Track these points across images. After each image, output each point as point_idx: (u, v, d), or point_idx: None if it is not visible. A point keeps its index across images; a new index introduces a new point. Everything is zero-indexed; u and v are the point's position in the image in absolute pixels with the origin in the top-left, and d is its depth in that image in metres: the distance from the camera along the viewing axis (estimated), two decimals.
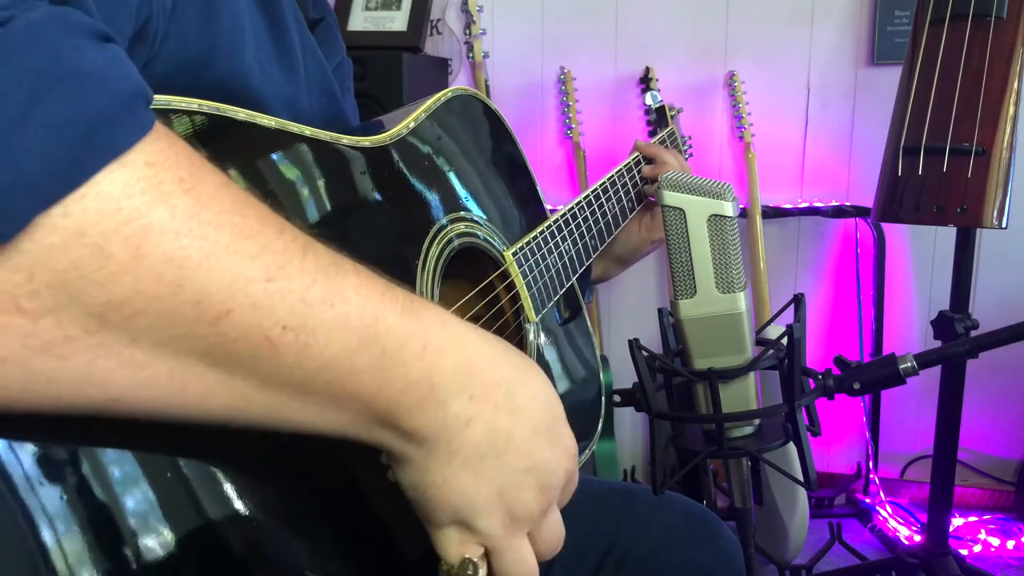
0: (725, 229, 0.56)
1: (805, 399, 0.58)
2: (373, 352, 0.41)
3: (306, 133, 0.55)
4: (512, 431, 0.47)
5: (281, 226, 0.39)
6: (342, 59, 0.81)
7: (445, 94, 0.75)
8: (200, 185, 0.35)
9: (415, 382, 0.42)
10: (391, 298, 0.42)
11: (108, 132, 0.33)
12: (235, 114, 0.50)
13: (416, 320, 0.43)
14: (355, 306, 0.40)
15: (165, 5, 0.48)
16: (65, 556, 0.37)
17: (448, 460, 0.45)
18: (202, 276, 0.35)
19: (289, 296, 0.37)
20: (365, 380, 0.41)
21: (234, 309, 0.36)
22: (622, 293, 2.29)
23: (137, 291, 0.33)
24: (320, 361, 0.39)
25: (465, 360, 0.45)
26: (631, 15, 2.23)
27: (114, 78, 0.34)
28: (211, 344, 0.36)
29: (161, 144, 0.35)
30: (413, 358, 0.42)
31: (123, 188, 0.33)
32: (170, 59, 0.49)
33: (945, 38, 1.50)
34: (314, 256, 0.39)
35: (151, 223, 0.33)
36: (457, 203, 0.73)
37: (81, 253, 0.32)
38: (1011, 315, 1.43)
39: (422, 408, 0.43)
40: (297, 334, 0.38)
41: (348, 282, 0.40)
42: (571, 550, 0.87)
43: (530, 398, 0.48)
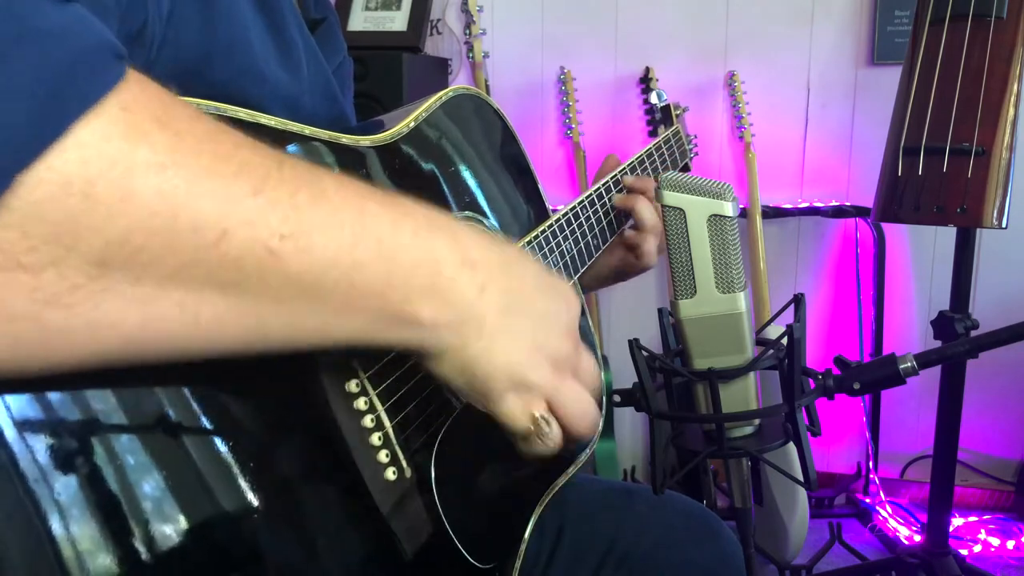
0: (725, 229, 0.56)
1: (805, 399, 0.58)
2: (370, 242, 0.42)
3: (306, 132, 0.55)
4: (520, 288, 0.50)
5: (254, 145, 0.40)
6: (343, 59, 0.81)
7: (446, 93, 0.75)
8: (175, 121, 0.36)
9: (419, 262, 0.44)
10: (369, 192, 0.44)
11: (79, 84, 0.33)
12: (236, 114, 0.50)
13: (398, 206, 0.45)
14: (339, 203, 0.41)
15: (161, 12, 0.48)
16: (72, 542, 0.37)
17: (479, 331, 0.47)
18: (193, 202, 0.36)
19: (278, 205, 0.38)
20: (372, 271, 0.42)
21: (230, 228, 0.37)
22: (622, 293, 2.29)
23: (133, 229, 0.34)
24: (323, 262, 0.40)
25: (454, 234, 0.47)
26: (631, 15, 2.23)
27: (75, 33, 0.34)
28: (215, 267, 0.37)
29: (133, 90, 0.35)
30: (409, 239, 0.44)
31: (101, 135, 0.33)
32: (168, 64, 0.49)
33: (945, 38, 1.50)
34: (290, 166, 0.41)
35: (134, 162, 0.34)
36: (458, 202, 0.73)
37: (71, 203, 0.33)
38: (1011, 315, 1.43)
39: (435, 289, 0.44)
40: (295, 240, 0.39)
41: (327, 183, 0.42)
42: (571, 550, 0.87)
43: (521, 262, 0.52)
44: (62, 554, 0.37)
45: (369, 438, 0.54)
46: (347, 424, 0.53)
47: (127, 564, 0.39)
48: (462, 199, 0.74)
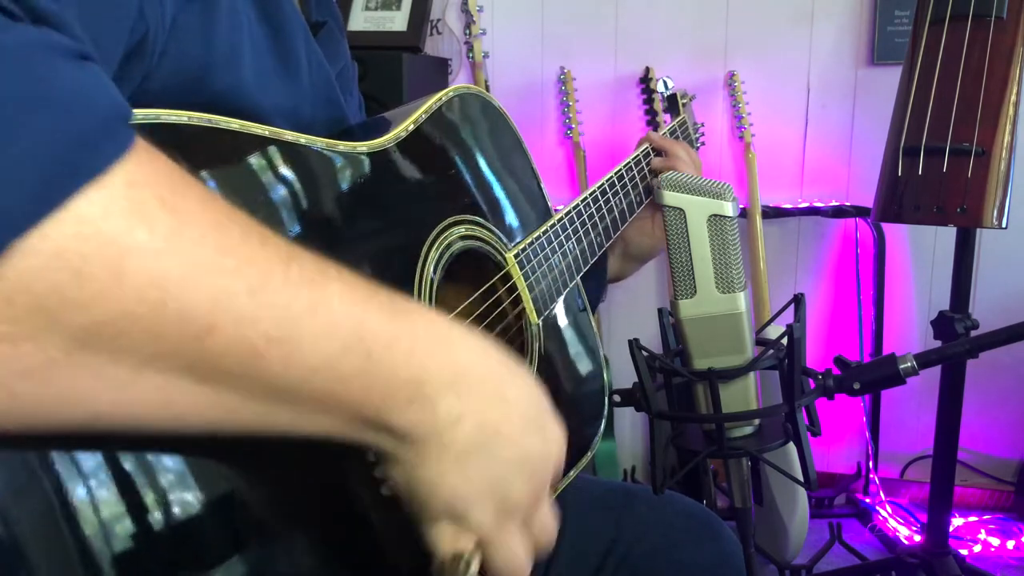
0: (725, 229, 0.56)
1: (805, 399, 0.58)
2: (359, 356, 0.41)
3: (301, 141, 0.55)
4: (501, 424, 0.47)
5: (263, 238, 0.39)
6: (345, 64, 0.80)
7: (447, 93, 0.75)
8: (181, 203, 0.35)
9: (404, 383, 0.43)
10: (375, 302, 0.43)
11: (85, 154, 0.32)
12: (227, 124, 0.49)
13: (401, 321, 0.43)
14: (339, 313, 0.40)
15: (164, 22, 0.48)
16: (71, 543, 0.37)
17: (439, 457, 0.45)
18: (185, 294, 0.34)
19: (273, 308, 0.37)
20: (353, 385, 0.41)
21: (218, 324, 0.36)
22: (622, 293, 2.29)
23: (119, 312, 0.33)
24: (306, 369, 0.39)
25: (453, 358, 0.46)
26: (631, 15, 2.23)
27: (91, 99, 0.33)
28: (196, 360, 0.36)
29: (141, 163, 0.34)
30: (400, 359, 0.43)
31: (102, 210, 0.32)
32: (168, 74, 0.49)
33: (945, 38, 1.50)
34: (298, 266, 0.39)
35: (132, 244, 0.33)
36: (459, 205, 0.72)
37: (61, 276, 0.31)
38: (1011, 315, 1.42)
39: (411, 408, 0.43)
40: (282, 344, 0.38)
41: (331, 289, 0.41)
42: (571, 550, 0.87)
43: (518, 390, 0.49)
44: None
45: (365, 453, 0.54)
46: (341, 439, 0.53)
47: (121, 571, 0.39)
48: (463, 201, 0.73)
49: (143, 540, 0.40)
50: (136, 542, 0.39)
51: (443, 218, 0.69)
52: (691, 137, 1.27)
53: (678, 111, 1.36)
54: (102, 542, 0.38)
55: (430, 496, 0.47)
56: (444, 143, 0.72)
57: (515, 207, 0.81)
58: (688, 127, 1.26)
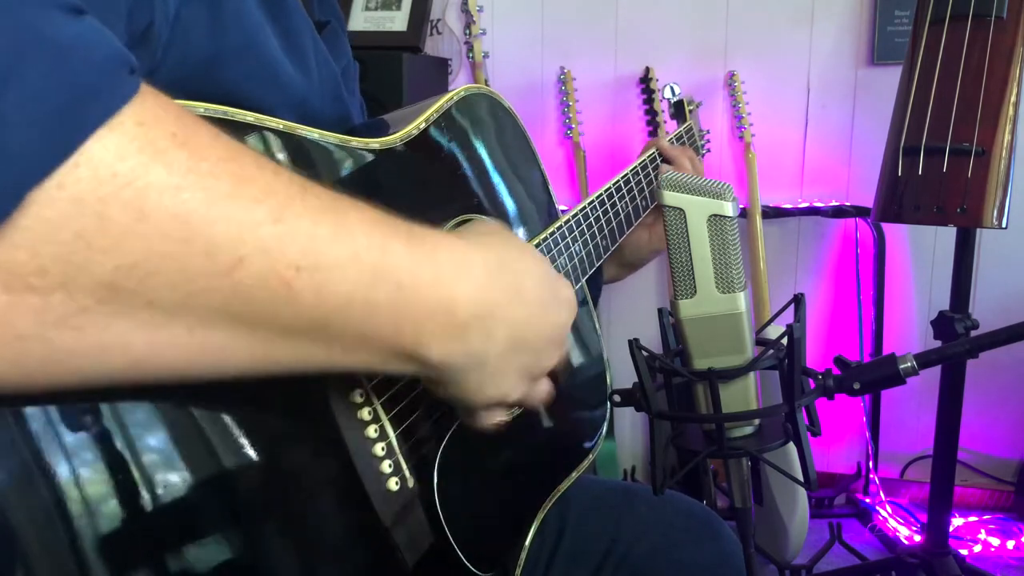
0: (725, 229, 0.56)
1: (805, 399, 0.58)
2: (389, 286, 0.41)
3: (314, 135, 0.55)
4: (528, 319, 0.51)
5: (276, 169, 0.39)
6: (348, 62, 0.81)
7: (458, 93, 0.75)
8: (193, 138, 0.35)
9: (433, 312, 0.44)
10: (393, 228, 0.43)
11: (91, 99, 0.32)
12: (243, 117, 0.49)
13: (422, 248, 0.44)
14: (362, 239, 0.40)
15: (168, 13, 0.48)
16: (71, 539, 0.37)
17: (479, 372, 0.48)
18: (209, 227, 0.34)
19: (298, 235, 0.37)
20: (385, 315, 0.42)
21: (246, 256, 0.36)
22: (622, 293, 2.29)
23: (146, 253, 0.33)
24: (338, 299, 0.39)
25: (475, 279, 0.47)
26: (631, 15, 2.23)
27: (90, 46, 0.33)
28: (228, 295, 0.36)
29: (149, 104, 0.34)
30: (427, 288, 0.43)
31: (116, 152, 0.32)
32: (176, 65, 0.49)
33: (945, 38, 1.50)
34: (314, 194, 0.40)
35: (150, 182, 0.33)
36: (468, 204, 0.72)
37: (82, 223, 0.31)
38: (1011, 315, 1.42)
39: (445, 337, 0.45)
40: (312, 273, 0.38)
41: (351, 216, 0.41)
42: (571, 549, 0.87)
43: (535, 279, 0.53)
44: (76, 553, 0.37)
45: (373, 448, 0.54)
46: (351, 434, 0.53)
47: (126, 567, 0.39)
48: (472, 200, 0.73)
49: (150, 534, 0.40)
50: (137, 538, 0.39)
51: (451, 217, 0.69)
52: (697, 144, 1.27)
53: (684, 117, 1.35)
54: (102, 540, 0.38)
55: (476, 400, 0.51)
56: (454, 143, 0.72)
57: (523, 208, 0.81)
58: (694, 134, 1.26)
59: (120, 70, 0.34)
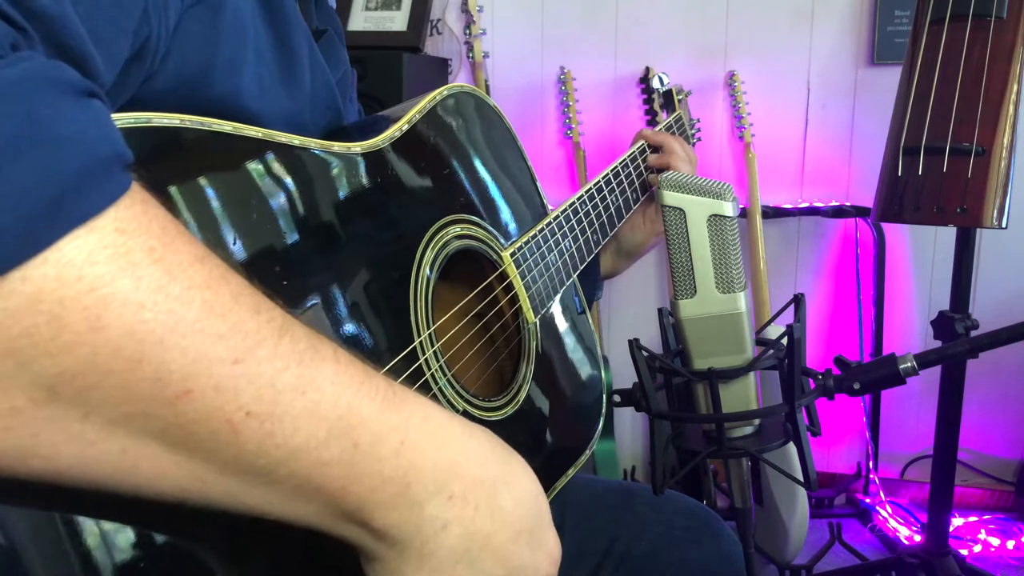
0: (725, 229, 0.56)
1: (805, 399, 0.58)
2: (344, 445, 0.38)
3: (295, 143, 0.54)
4: (491, 534, 0.45)
5: (258, 305, 0.37)
6: (345, 71, 0.81)
7: (440, 92, 0.75)
8: (172, 256, 0.34)
9: (389, 479, 0.40)
10: (370, 388, 0.40)
11: (77, 197, 0.31)
12: (220, 127, 0.49)
13: (396, 413, 0.41)
14: (328, 395, 0.38)
15: (168, 24, 0.47)
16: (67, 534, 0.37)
17: (420, 564, 0.43)
18: (163, 353, 0.33)
19: (257, 380, 0.35)
20: (334, 473, 0.39)
21: (194, 390, 0.34)
22: (622, 293, 2.29)
23: (92, 364, 0.31)
24: (285, 451, 0.37)
25: (447, 458, 0.43)
26: (631, 15, 2.23)
27: (89, 142, 0.32)
28: (168, 424, 0.34)
29: (135, 210, 0.33)
30: (389, 454, 0.40)
31: (87, 255, 0.31)
32: (170, 76, 0.49)
33: (945, 38, 1.50)
34: (291, 339, 0.37)
35: (113, 293, 0.31)
36: (454, 204, 0.72)
37: (35, 320, 0.30)
38: (1011, 315, 1.42)
39: (395, 507, 0.41)
40: (262, 421, 0.36)
41: (324, 369, 0.38)
42: (571, 549, 0.87)
43: (515, 498, 0.47)
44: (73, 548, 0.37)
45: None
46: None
47: (126, 566, 0.39)
48: (458, 200, 0.73)
49: (142, 543, 0.40)
50: (135, 543, 0.39)
51: (439, 218, 0.69)
52: (687, 133, 1.27)
53: (674, 107, 1.36)
54: (100, 546, 0.38)
55: None
56: (439, 142, 0.72)
57: (511, 206, 0.81)
58: (684, 123, 1.26)
59: (112, 168, 0.33)
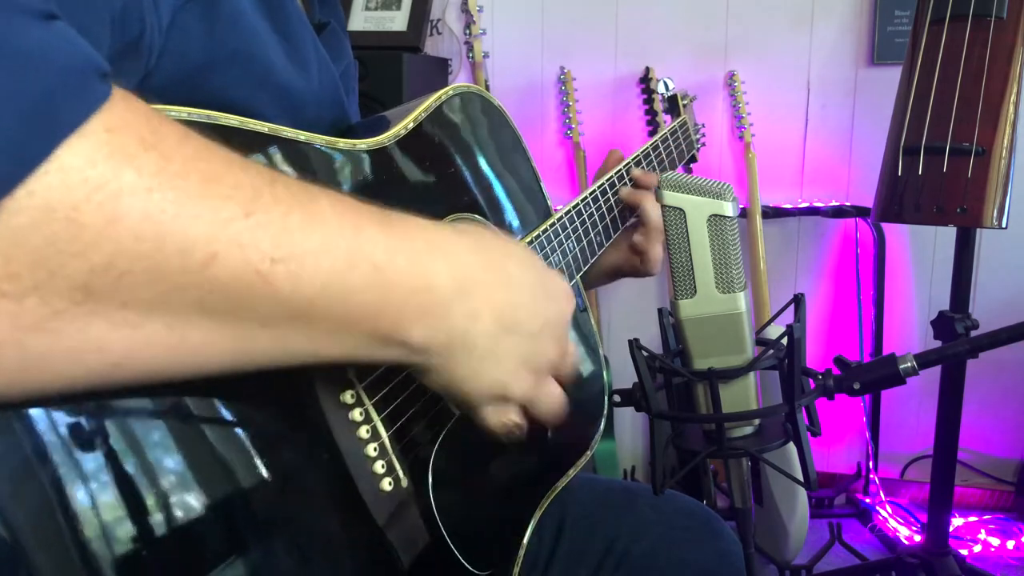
0: (725, 229, 0.56)
1: (805, 399, 0.58)
2: (365, 268, 0.41)
3: (300, 138, 0.55)
4: (515, 304, 0.50)
5: (244, 164, 0.39)
6: (348, 63, 0.80)
7: (446, 92, 0.75)
8: (162, 141, 0.36)
9: (413, 290, 0.43)
10: (367, 213, 0.43)
11: (61, 106, 0.32)
12: (227, 121, 0.49)
13: (395, 229, 0.44)
14: (334, 225, 0.40)
15: (160, 22, 0.48)
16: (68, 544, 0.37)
17: (468, 355, 0.47)
18: (181, 225, 0.35)
19: (270, 227, 0.37)
20: (364, 298, 0.41)
21: (219, 251, 0.36)
22: (622, 293, 2.29)
23: (118, 254, 0.33)
24: (315, 287, 0.39)
25: (453, 259, 0.46)
26: (631, 15, 2.23)
27: (57, 53, 0.33)
28: (203, 292, 0.36)
29: (118, 109, 0.34)
30: (405, 266, 0.43)
31: (86, 158, 0.32)
32: (170, 72, 0.49)
33: (945, 38, 1.50)
34: (283, 185, 0.40)
35: (120, 186, 0.33)
36: (459, 203, 0.72)
37: (54, 228, 0.32)
38: (1011, 315, 1.42)
39: (426, 314, 0.44)
40: (287, 263, 0.38)
41: (322, 203, 0.41)
42: (571, 549, 0.87)
43: (518, 265, 0.51)
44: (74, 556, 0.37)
45: (365, 449, 0.54)
46: (342, 435, 0.52)
47: (111, 565, 0.39)
48: (462, 199, 0.73)
49: (143, 535, 0.40)
50: (134, 536, 0.39)
51: (443, 216, 0.69)
52: (692, 138, 1.27)
53: (679, 112, 1.36)
54: (100, 539, 0.38)
55: (470, 391, 0.50)
56: (444, 141, 0.72)
57: (515, 206, 0.81)
58: (689, 128, 1.26)
59: (90, 76, 0.34)
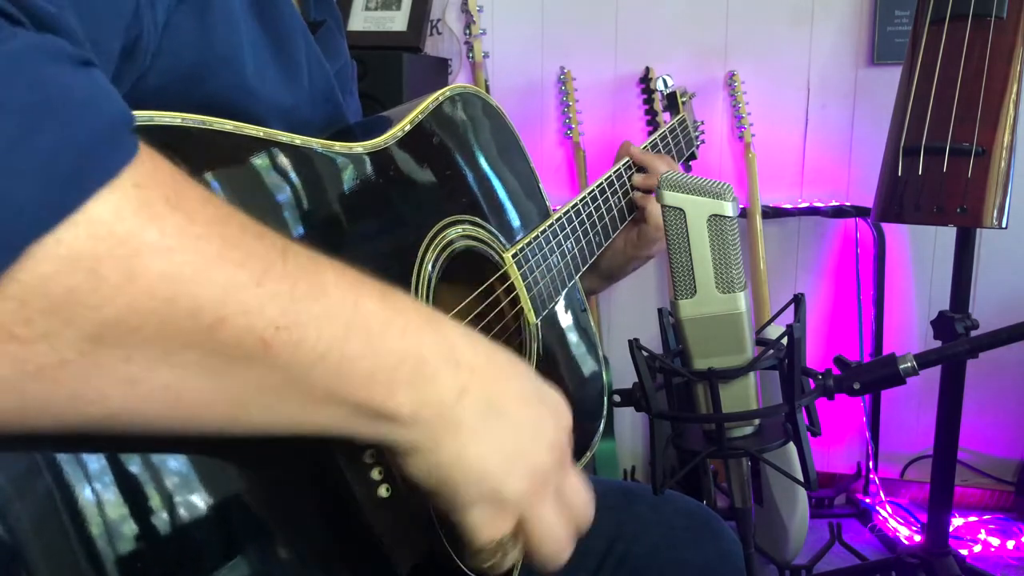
0: (725, 229, 0.56)
1: (805, 399, 0.58)
2: (361, 336, 0.42)
3: (296, 142, 0.54)
4: (505, 391, 0.49)
5: (259, 231, 0.40)
6: (344, 62, 0.80)
7: (443, 93, 0.74)
8: (186, 202, 0.36)
9: (404, 359, 0.44)
10: (367, 286, 0.44)
11: (96, 159, 0.33)
12: (221, 126, 0.49)
13: (393, 304, 0.45)
14: (336, 298, 0.41)
15: (157, 21, 0.48)
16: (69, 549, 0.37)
17: (455, 433, 0.46)
18: (195, 288, 0.35)
19: (278, 297, 0.38)
20: (357, 366, 0.42)
21: (227, 316, 0.36)
22: (622, 293, 2.29)
23: (132, 310, 0.34)
24: (314, 355, 0.40)
25: (445, 336, 0.47)
26: (631, 15, 2.23)
27: (97, 105, 0.34)
28: (206, 352, 0.36)
29: (147, 166, 0.35)
30: (398, 336, 0.44)
31: (113, 212, 0.33)
32: (163, 73, 0.49)
33: (945, 38, 1.50)
34: (293, 256, 0.40)
35: (143, 243, 0.34)
36: (456, 205, 0.72)
37: (75, 279, 0.32)
38: (1011, 315, 1.42)
39: (415, 383, 0.44)
40: (290, 332, 0.38)
41: (327, 276, 0.42)
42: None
43: (510, 366, 0.50)
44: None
45: (362, 455, 0.53)
46: (339, 441, 0.52)
47: (117, 574, 0.39)
48: (461, 200, 0.73)
49: (142, 543, 0.40)
50: (135, 545, 0.39)
51: (441, 218, 0.69)
52: (691, 135, 1.26)
53: (678, 109, 1.36)
54: (102, 543, 0.38)
55: (457, 477, 0.46)
56: (442, 142, 0.72)
57: (513, 206, 0.81)
58: (688, 125, 1.26)
59: (123, 130, 0.35)
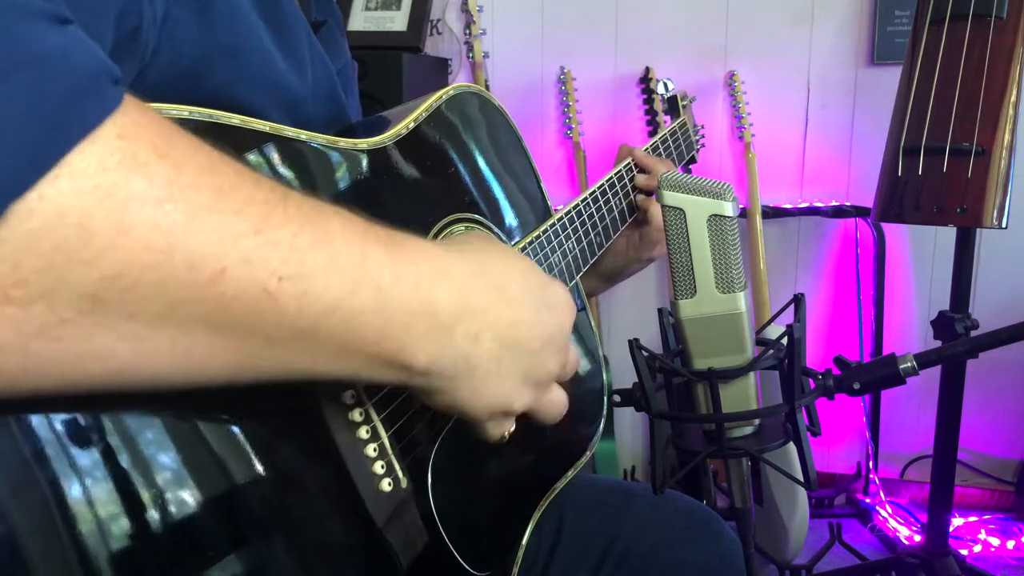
0: (725, 229, 0.56)
1: (805, 399, 0.58)
2: (370, 290, 0.41)
3: (302, 137, 0.55)
4: (516, 320, 0.50)
5: (257, 179, 0.39)
6: (346, 62, 0.80)
7: (447, 91, 0.74)
8: (174, 150, 0.35)
9: (417, 314, 0.44)
10: (374, 234, 0.43)
11: (74, 111, 0.32)
12: (228, 120, 0.49)
13: (402, 252, 0.44)
14: (342, 246, 0.40)
15: (155, 16, 0.47)
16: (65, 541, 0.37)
17: (470, 376, 0.48)
18: (190, 239, 0.34)
19: (279, 245, 0.37)
20: (368, 320, 0.41)
21: (228, 267, 0.35)
22: (622, 293, 2.29)
23: (127, 264, 0.33)
24: (321, 307, 0.39)
25: (456, 282, 0.47)
26: (631, 15, 2.23)
27: (74, 57, 0.33)
28: (210, 307, 0.36)
29: (131, 116, 0.34)
30: (410, 289, 0.43)
31: (97, 164, 0.32)
32: (164, 68, 0.49)
33: (945, 38, 1.50)
34: (295, 203, 0.39)
35: (131, 194, 0.33)
36: (459, 204, 0.72)
37: (64, 234, 0.31)
38: (1011, 315, 1.43)
39: (430, 339, 0.44)
40: (294, 282, 0.38)
41: (332, 224, 0.41)
42: (570, 549, 0.87)
43: (520, 282, 0.51)
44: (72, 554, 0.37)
45: (365, 449, 0.54)
46: (342, 436, 0.52)
47: (121, 568, 0.39)
48: (462, 199, 0.73)
49: (137, 536, 0.40)
50: (130, 538, 0.39)
51: (443, 216, 0.69)
52: (691, 139, 1.27)
53: (678, 113, 1.36)
54: (97, 538, 0.38)
55: (473, 409, 0.50)
56: (444, 141, 0.72)
57: (515, 206, 0.81)
58: (688, 129, 1.26)
59: (103, 82, 0.34)
